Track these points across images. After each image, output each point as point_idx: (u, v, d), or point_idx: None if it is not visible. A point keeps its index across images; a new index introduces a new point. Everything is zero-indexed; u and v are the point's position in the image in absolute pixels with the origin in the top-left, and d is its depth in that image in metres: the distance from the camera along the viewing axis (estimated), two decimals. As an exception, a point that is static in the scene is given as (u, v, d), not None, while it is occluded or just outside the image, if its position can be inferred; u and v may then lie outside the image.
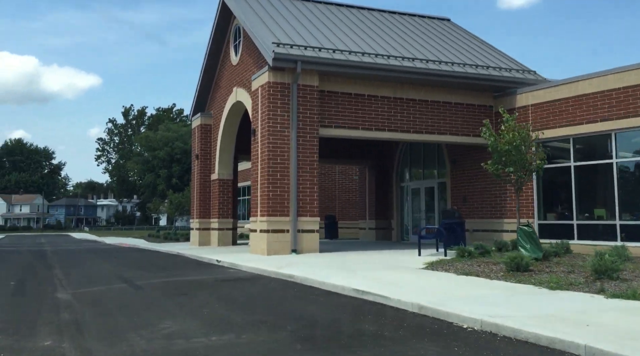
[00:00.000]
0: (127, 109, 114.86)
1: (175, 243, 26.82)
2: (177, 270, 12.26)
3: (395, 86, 16.66)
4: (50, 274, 11.50)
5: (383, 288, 7.79)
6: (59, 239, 43.88)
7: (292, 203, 14.93)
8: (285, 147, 15.08)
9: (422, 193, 21.20)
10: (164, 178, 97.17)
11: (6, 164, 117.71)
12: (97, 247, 25.90)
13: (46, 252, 20.80)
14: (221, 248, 19.00)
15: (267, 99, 15.00)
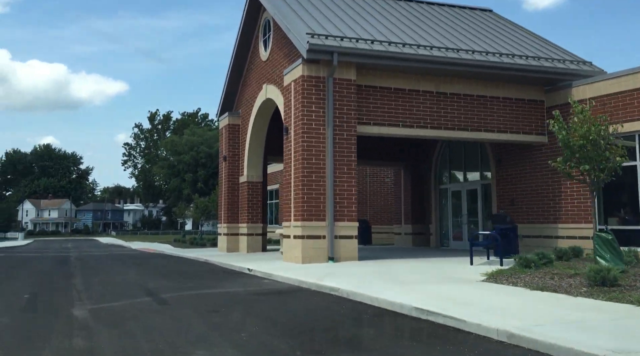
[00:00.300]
0: (153, 114, 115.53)
1: (201, 248, 25.90)
2: (206, 280, 11.19)
3: (438, 79, 15.38)
4: (69, 284, 10.55)
5: (450, 307, 6.54)
6: (85, 244, 43.57)
7: (329, 206, 13.76)
8: (321, 146, 13.93)
9: (464, 195, 19.79)
10: (190, 182, 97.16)
11: (35, 169, 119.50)
12: (122, 253, 25.14)
13: (70, 258, 20.05)
14: (251, 255, 17.93)
15: (301, 94, 13.88)
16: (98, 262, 17.52)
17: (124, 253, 25.43)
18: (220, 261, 15.64)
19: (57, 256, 21.97)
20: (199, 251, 21.93)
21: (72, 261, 17.93)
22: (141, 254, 23.36)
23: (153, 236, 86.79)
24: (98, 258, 19.80)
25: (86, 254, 23.15)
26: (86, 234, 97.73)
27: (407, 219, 22.42)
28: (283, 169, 15.11)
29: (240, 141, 20.49)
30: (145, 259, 18.58)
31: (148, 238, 65.73)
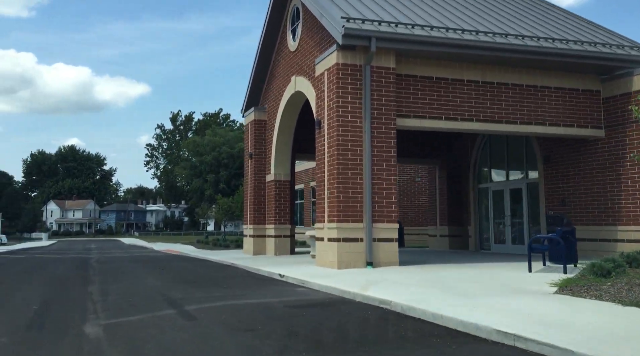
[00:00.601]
0: (175, 114, 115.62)
1: (225, 250, 24.92)
2: (235, 288, 10.08)
3: (484, 67, 14.05)
4: (85, 292, 9.54)
5: (541, 330, 5.29)
6: (108, 245, 43.11)
7: (366, 206, 12.55)
8: (357, 140, 12.73)
9: (507, 195, 18.37)
10: (212, 183, 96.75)
11: (60, 170, 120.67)
12: (144, 255, 24.30)
13: (90, 261, 19.22)
14: (279, 258, 16.81)
15: (336, 84, 12.70)
16: (118, 265, 16.60)
17: (146, 254, 24.58)
18: (247, 264, 14.55)
19: (77, 258, 21.20)
20: (223, 254, 20.92)
21: (91, 264, 17.06)
22: (163, 256, 22.46)
23: (175, 236, 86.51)
24: (119, 261, 18.91)
25: (107, 257, 22.35)
26: (109, 234, 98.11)
27: (442, 221, 21.07)
28: (315, 166, 13.94)
29: (266, 137, 19.41)
30: (167, 262, 17.62)
31: (170, 238, 65.24)
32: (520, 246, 17.39)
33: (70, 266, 16.30)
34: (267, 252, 18.70)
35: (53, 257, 22.37)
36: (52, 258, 21.95)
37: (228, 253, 21.19)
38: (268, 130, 19.31)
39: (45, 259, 21.07)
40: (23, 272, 14.20)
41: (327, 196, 12.93)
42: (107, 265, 16.66)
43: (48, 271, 14.57)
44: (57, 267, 16.11)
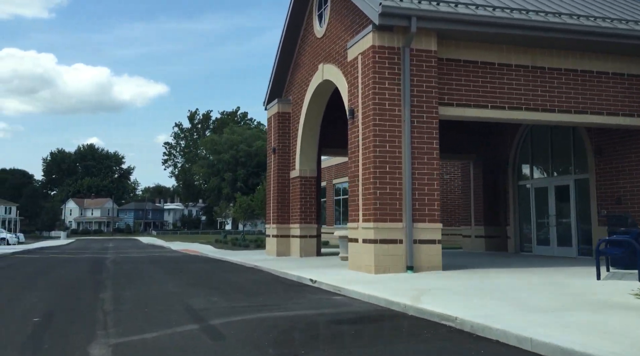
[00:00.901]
0: (193, 113, 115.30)
1: (245, 250, 23.84)
2: (263, 296, 8.93)
3: (535, 51, 12.70)
4: (96, 300, 8.46)
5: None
6: (125, 244, 42.44)
7: (406, 204, 11.30)
8: (396, 131, 11.48)
9: (551, 192, 16.95)
10: (229, 182, 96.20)
11: (79, 169, 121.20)
12: (161, 255, 23.34)
13: (105, 262, 18.26)
14: (306, 260, 15.63)
15: (372, 68, 11.46)
16: (135, 267, 15.58)
17: (164, 255, 23.62)
18: (273, 267, 13.39)
19: (93, 259, 20.28)
20: (244, 254, 19.83)
21: (106, 266, 16.07)
22: (182, 256, 21.45)
23: (193, 235, 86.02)
24: (135, 262, 17.92)
25: (123, 257, 21.41)
26: (127, 233, 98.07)
27: (478, 220, 19.70)
28: (348, 160, 12.71)
29: (291, 131, 18.25)
30: (186, 264, 16.55)
31: (188, 237, 64.57)
32: (567, 248, 15.99)
33: (83, 268, 15.32)
34: (292, 253, 17.54)
35: (67, 257, 21.50)
36: (67, 258, 21.07)
37: (249, 254, 20.09)
38: (292, 123, 18.15)
39: (59, 259, 20.19)
40: (32, 274, 13.23)
41: (362, 192, 11.70)
42: (123, 267, 15.65)
43: (59, 273, 13.58)
44: (69, 269, 15.14)
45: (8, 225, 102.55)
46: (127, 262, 17.79)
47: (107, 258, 20.41)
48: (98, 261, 18.26)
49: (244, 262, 15.99)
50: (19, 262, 18.24)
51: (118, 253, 25.47)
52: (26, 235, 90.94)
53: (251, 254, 20.27)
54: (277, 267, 13.36)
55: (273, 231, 18.21)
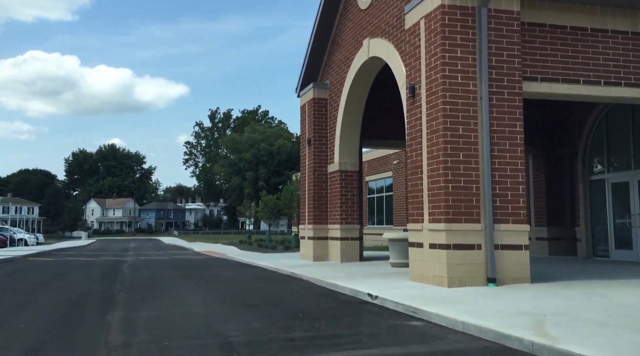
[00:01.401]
0: (213, 112, 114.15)
1: (273, 253, 21.84)
2: (318, 319, 6.86)
3: (635, 14, 10.37)
4: (100, 324, 6.49)
5: None
6: (147, 245, 40.85)
7: (485, 201, 9.12)
8: (471, 110, 9.30)
9: (634, 188, 14.52)
10: (250, 181, 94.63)
11: (100, 169, 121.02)
12: (184, 258, 21.48)
13: (122, 266, 16.41)
14: (350, 267, 13.51)
15: (440, 33, 9.30)
16: (154, 274, 13.66)
17: (186, 257, 21.76)
18: (315, 276, 11.31)
19: (110, 263, 18.48)
20: (274, 258, 17.82)
21: (123, 272, 14.19)
22: (206, 260, 19.54)
23: (215, 235, 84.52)
24: (155, 267, 16.03)
25: (143, 260, 19.58)
26: (149, 233, 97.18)
27: (539, 220, 17.36)
28: (407, 148, 10.54)
29: (328, 119, 16.15)
30: (212, 270, 14.58)
31: (210, 238, 62.93)
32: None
33: (96, 275, 13.45)
34: (331, 257, 15.45)
35: (83, 261, 19.74)
36: (82, 262, 19.32)
37: (280, 258, 18.08)
38: (330, 110, 16.05)
39: (73, 263, 18.43)
40: (35, 285, 11.36)
41: (429, 187, 9.54)
42: (141, 273, 13.75)
43: (66, 282, 11.70)
44: (80, 276, 13.27)
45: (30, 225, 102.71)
46: (146, 267, 15.90)
47: (125, 262, 18.58)
48: (114, 266, 16.42)
49: (278, 268, 13.95)
50: (28, 267, 16.51)
51: (138, 255, 23.72)
52: (48, 235, 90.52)
53: (282, 257, 18.25)
54: (320, 276, 11.28)
55: (309, 232, 16.14)
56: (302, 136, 17.34)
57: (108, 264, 17.37)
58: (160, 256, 23.40)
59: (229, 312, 7.45)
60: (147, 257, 22.24)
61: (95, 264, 17.52)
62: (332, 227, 15.44)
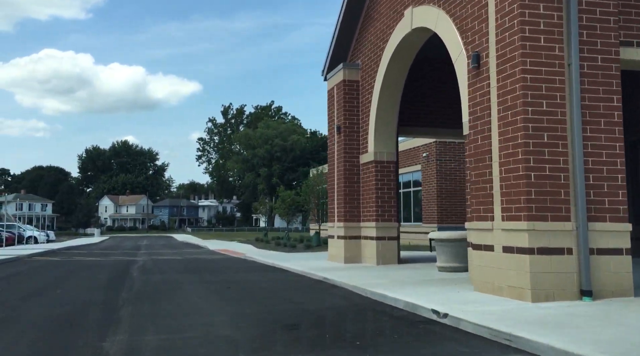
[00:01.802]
0: (226, 108, 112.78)
1: (294, 253, 20.18)
2: (377, 347, 5.12)
3: None
4: (99, 350, 4.80)
5: None
6: (159, 243, 39.47)
7: (576, 194, 7.30)
8: (557, 80, 7.49)
9: None
10: (264, 177, 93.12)
11: (114, 165, 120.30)
12: (198, 257, 19.89)
13: (132, 267, 14.83)
14: (389, 271, 11.73)
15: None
16: (166, 278, 12.03)
17: (201, 257, 20.17)
18: (354, 283, 9.57)
19: (119, 263, 16.93)
20: (298, 259, 16.13)
21: (131, 276, 12.58)
22: (223, 260, 17.92)
23: (228, 233, 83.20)
24: (168, 269, 14.42)
25: (155, 261, 18.02)
26: (162, 230, 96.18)
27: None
28: (469, 130, 8.73)
29: (360, 104, 14.37)
30: (231, 273, 12.92)
31: (224, 235, 61.48)
32: None
33: (102, 280, 11.84)
34: (365, 259, 13.69)
35: (90, 261, 18.23)
36: (89, 262, 17.80)
37: (303, 259, 16.38)
38: (362, 93, 14.27)
39: (80, 264, 16.90)
40: (27, 294, 9.75)
41: (502, 175, 7.75)
42: (151, 278, 12.12)
43: (65, 290, 10.09)
44: (83, 281, 11.67)
45: (44, 222, 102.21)
46: (158, 269, 14.30)
47: (135, 262, 17.01)
48: (124, 268, 14.84)
49: (306, 272, 12.24)
50: (30, 269, 14.99)
51: (149, 254, 22.20)
52: (61, 232, 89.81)
53: (306, 258, 16.56)
54: (360, 282, 9.55)
55: (339, 231, 14.40)
56: (329, 124, 15.56)
57: (117, 266, 15.80)
58: (173, 255, 21.85)
59: (264, 337, 5.74)
60: (160, 257, 20.69)
61: (103, 266, 15.96)
62: (367, 225, 13.68)
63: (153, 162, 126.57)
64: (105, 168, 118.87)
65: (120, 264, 16.38)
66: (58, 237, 56.73)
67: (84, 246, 32.13)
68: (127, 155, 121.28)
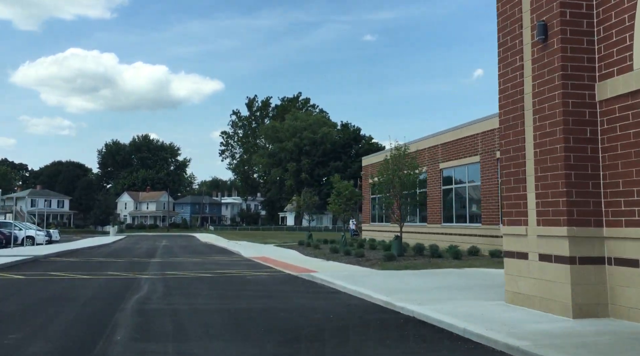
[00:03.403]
0: (251, 100, 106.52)
1: (381, 269, 13.57)
2: None
3: None
4: None
5: None
6: (180, 243, 33.31)
7: None
8: None
9: None
10: (292, 173, 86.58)
11: (134, 161, 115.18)
12: (236, 276, 13.41)
13: (126, 303, 8.39)
14: None
15: None
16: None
17: (239, 273, 13.69)
18: None
19: (117, 285, 10.55)
20: (426, 291, 9.56)
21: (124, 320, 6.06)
22: (276, 282, 11.47)
23: (254, 232, 77.04)
24: (189, 293, 8.02)
25: (168, 282, 11.61)
26: (184, 228, 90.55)
27: None
28: None
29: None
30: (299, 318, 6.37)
31: (250, 234, 55.18)
32: None
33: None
34: (622, 311, 6.80)
35: (65, 285, 11.80)
36: (78, 282, 11.45)
37: (435, 288, 9.79)
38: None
39: (62, 286, 10.57)
40: None
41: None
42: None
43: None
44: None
45: (60, 219, 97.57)
46: (171, 310, 7.81)
47: (136, 289, 10.55)
48: (118, 297, 8.42)
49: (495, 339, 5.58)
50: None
51: (163, 266, 15.91)
52: (78, 230, 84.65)
53: (436, 286, 9.96)
54: None
55: (549, 244, 7.34)
56: (501, 30, 8.84)
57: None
58: (196, 268, 15.47)
59: None
60: (177, 271, 14.30)
61: (78, 300, 9.45)
62: (629, 234, 6.75)
63: (174, 158, 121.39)
64: (125, 163, 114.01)
65: (119, 288, 9.96)
66: (68, 236, 50.98)
67: (89, 250, 26.00)
68: (147, 150, 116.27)
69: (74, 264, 16.85)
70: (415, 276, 11.62)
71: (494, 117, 17.65)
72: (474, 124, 18.50)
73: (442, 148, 20.61)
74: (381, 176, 16.01)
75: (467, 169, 18.92)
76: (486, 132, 17.63)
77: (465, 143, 18.80)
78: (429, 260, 15.12)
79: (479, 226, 17.74)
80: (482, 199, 17.61)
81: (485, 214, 17.43)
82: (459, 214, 19.66)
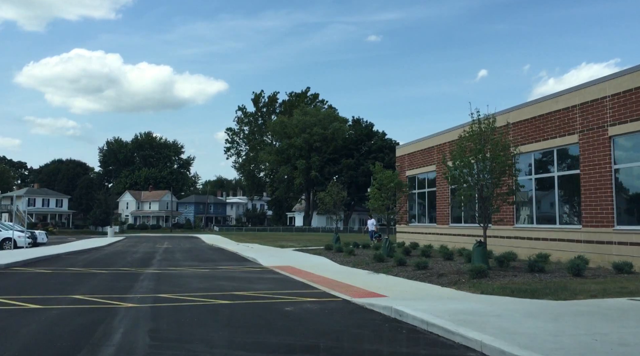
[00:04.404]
0: (258, 95, 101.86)
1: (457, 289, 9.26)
2: None
3: None
4: None
5: None
6: (183, 246, 29.06)
7: None
8: None
9: None
10: (302, 171, 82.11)
11: (136, 159, 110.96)
12: (259, 304, 9.03)
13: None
14: None
15: None
16: None
17: (266, 300, 9.27)
18: None
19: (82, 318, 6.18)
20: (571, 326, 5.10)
21: None
22: (328, 316, 7.14)
23: (261, 233, 72.70)
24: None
25: (168, 310, 7.23)
26: (187, 229, 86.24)
27: None
28: None
29: None
30: None
31: (258, 236, 50.79)
32: None
33: None
34: None
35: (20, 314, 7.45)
36: (14, 318, 7.06)
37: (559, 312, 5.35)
38: None
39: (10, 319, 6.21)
40: None
41: None
42: None
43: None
44: None
45: (59, 219, 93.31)
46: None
47: (110, 327, 6.31)
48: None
49: None
50: None
51: (158, 282, 11.64)
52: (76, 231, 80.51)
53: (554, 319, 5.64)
54: None
55: None
56: None
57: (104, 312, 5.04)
58: (204, 285, 11.17)
59: None
60: (177, 293, 9.98)
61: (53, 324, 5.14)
62: None
63: (178, 156, 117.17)
64: (127, 162, 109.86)
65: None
66: (62, 237, 46.81)
67: (69, 256, 21.69)
68: (150, 148, 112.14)
69: (34, 280, 12.50)
70: (573, 316, 7.16)
71: (600, 82, 13.19)
72: (567, 94, 14.03)
73: (514, 128, 16.15)
74: (459, 159, 11.52)
75: (554, 152, 14.46)
76: (589, 104, 13.18)
77: (554, 119, 14.36)
78: (537, 277, 10.69)
79: (578, 229, 13.28)
80: (583, 193, 13.17)
81: (587, 212, 12.99)
82: (544, 213, 15.14)
